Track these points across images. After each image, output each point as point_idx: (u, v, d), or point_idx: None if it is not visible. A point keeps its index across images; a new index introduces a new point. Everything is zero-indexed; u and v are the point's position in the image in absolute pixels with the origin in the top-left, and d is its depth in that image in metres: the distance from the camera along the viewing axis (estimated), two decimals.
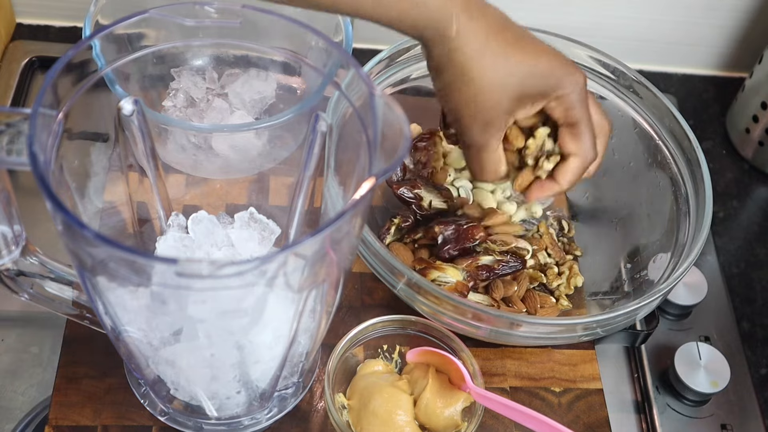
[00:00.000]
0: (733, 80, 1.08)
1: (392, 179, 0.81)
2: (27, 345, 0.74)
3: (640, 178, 0.82)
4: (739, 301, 0.87)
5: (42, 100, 0.46)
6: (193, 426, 0.65)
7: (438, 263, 0.74)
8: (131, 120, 0.60)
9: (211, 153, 0.73)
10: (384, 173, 0.47)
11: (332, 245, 0.48)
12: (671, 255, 0.74)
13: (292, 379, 0.65)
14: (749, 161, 1.00)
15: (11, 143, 0.48)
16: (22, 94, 0.92)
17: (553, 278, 0.78)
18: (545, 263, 0.80)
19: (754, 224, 0.95)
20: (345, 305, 0.75)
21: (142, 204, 0.66)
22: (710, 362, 0.77)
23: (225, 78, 0.80)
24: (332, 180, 0.65)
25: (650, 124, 0.81)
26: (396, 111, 0.49)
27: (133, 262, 0.45)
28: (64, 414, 0.66)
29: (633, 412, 0.77)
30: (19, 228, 0.56)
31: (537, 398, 0.73)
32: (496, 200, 0.83)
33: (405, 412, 0.66)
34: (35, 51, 0.96)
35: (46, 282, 0.60)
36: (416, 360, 0.70)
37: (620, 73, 0.83)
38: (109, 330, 0.57)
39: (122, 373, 0.68)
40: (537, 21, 0.81)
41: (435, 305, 0.67)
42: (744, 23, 1.03)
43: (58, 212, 0.43)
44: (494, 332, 0.68)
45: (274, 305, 0.52)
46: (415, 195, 0.79)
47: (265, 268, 0.45)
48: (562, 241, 0.83)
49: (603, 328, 0.69)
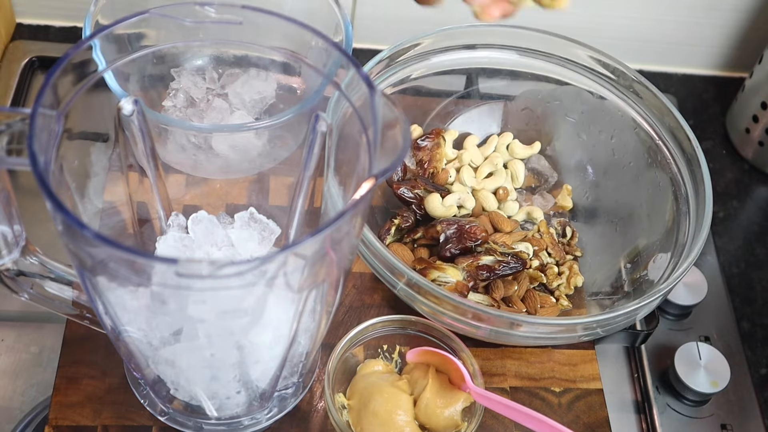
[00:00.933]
0: (733, 80, 1.08)
1: (392, 179, 0.81)
2: (27, 345, 0.74)
3: (640, 178, 0.82)
4: (739, 301, 0.87)
5: (42, 100, 0.46)
6: (193, 426, 0.65)
7: (438, 263, 0.74)
8: (131, 120, 0.60)
9: (211, 153, 0.73)
10: (384, 173, 0.47)
11: (332, 245, 0.48)
12: (671, 255, 0.74)
13: (292, 379, 0.65)
14: (749, 161, 1.00)
15: (11, 143, 0.48)
16: (22, 94, 0.92)
17: (553, 278, 0.78)
18: (546, 263, 0.80)
19: (754, 224, 0.95)
20: (345, 305, 0.76)
21: (142, 204, 0.66)
22: (710, 362, 0.77)
23: (225, 78, 0.80)
24: (332, 180, 0.65)
25: (650, 124, 0.82)
26: (396, 111, 0.49)
27: (133, 262, 0.45)
28: (64, 414, 0.66)
29: (633, 412, 0.77)
30: (19, 228, 0.56)
31: (537, 398, 0.73)
32: (497, 201, 0.83)
33: (405, 412, 0.66)
34: (35, 51, 0.96)
35: (46, 282, 0.60)
36: (416, 360, 0.70)
37: (620, 73, 0.83)
38: (109, 330, 0.57)
39: (122, 373, 0.68)
40: (537, 21, 0.81)
41: (435, 305, 0.67)
42: (744, 23, 1.03)
43: (58, 212, 0.43)
44: (494, 332, 0.68)
45: (274, 305, 0.52)
46: (415, 195, 0.79)
47: (265, 268, 0.45)
48: (562, 242, 0.83)
49: (603, 328, 0.69)
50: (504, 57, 0.85)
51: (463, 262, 0.74)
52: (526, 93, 0.87)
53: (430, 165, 0.82)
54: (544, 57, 0.85)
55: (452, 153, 0.85)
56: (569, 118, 0.87)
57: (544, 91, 0.86)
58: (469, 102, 0.88)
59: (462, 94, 0.88)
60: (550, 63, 0.85)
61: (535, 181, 0.87)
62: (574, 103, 0.86)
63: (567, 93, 0.86)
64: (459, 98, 0.88)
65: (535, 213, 0.83)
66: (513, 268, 0.75)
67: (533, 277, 0.78)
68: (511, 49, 0.85)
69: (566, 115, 0.87)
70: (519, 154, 0.86)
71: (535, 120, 0.88)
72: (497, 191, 0.84)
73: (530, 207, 0.84)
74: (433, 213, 0.79)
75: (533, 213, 0.83)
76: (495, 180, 0.84)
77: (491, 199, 0.83)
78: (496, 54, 0.85)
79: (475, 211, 0.82)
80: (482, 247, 0.76)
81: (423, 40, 0.81)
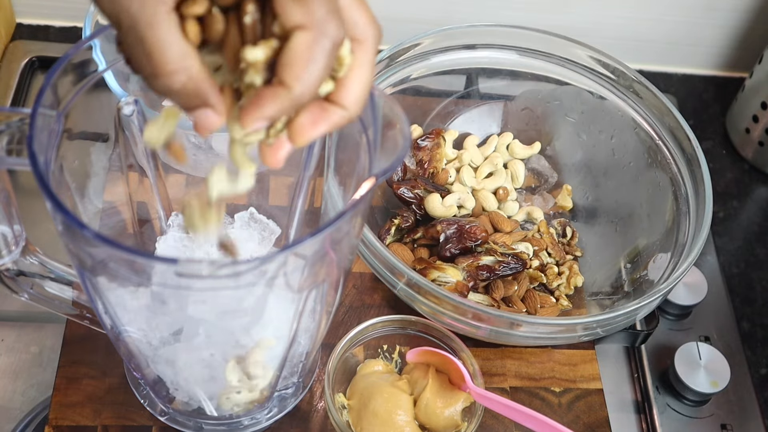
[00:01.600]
0: (733, 80, 1.08)
1: (392, 179, 0.81)
2: (27, 345, 0.74)
3: (640, 178, 0.82)
4: (739, 301, 0.87)
5: (42, 100, 0.46)
6: (193, 426, 0.65)
7: (438, 263, 0.74)
8: (131, 120, 0.60)
9: (211, 153, 0.73)
10: (384, 173, 0.47)
11: (332, 245, 0.48)
12: (671, 255, 0.74)
13: (292, 379, 0.65)
14: (749, 161, 1.00)
15: (11, 143, 0.48)
16: (22, 94, 0.92)
17: (553, 278, 0.78)
18: (546, 263, 0.80)
19: (754, 224, 0.95)
20: (345, 305, 0.76)
21: (142, 204, 0.66)
22: (710, 362, 0.77)
23: None
24: (332, 180, 0.65)
25: (650, 124, 0.81)
26: (396, 111, 0.49)
27: (133, 262, 0.45)
28: (64, 414, 0.66)
29: (633, 412, 0.77)
30: (19, 228, 0.56)
31: (537, 398, 0.73)
32: (497, 201, 0.83)
33: (405, 412, 0.66)
34: (35, 51, 0.96)
35: (46, 282, 0.60)
36: (416, 360, 0.70)
37: (620, 73, 0.83)
38: (109, 330, 0.57)
39: (122, 373, 0.68)
40: (537, 21, 0.81)
41: (435, 305, 0.67)
42: (744, 23, 1.03)
43: (58, 212, 0.43)
44: (494, 332, 0.68)
45: (274, 305, 0.52)
46: (415, 195, 0.79)
47: (265, 268, 0.45)
48: (562, 242, 0.83)
49: (603, 328, 0.69)
50: (504, 57, 0.85)
51: (463, 262, 0.74)
52: (526, 93, 0.87)
53: (430, 165, 0.82)
54: (544, 57, 0.85)
55: (452, 153, 0.85)
56: (569, 118, 0.87)
57: (544, 91, 0.86)
58: (469, 102, 0.88)
59: (462, 94, 0.88)
60: (550, 63, 0.85)
61: (535, 181, 0.87)
62: (574, 103, 0.86)
63: (567, 93, 0.86)
64: (459, 98, 0.88)
65: (535, 213, 0.83)
66: (513, 269, 0.75)
67: (533, 277, 0.78)
68: (511, 49, 0.85)
69: (566, 115, 0.87)
70: (519, 154, 0.86)
71: (535, 120, 0.88)
72: (497, 191, 0.84)
73: (530, 207, 0.84)
74: (432, 213, 0.79)
75: (533, 213, 0.83)
76: (495, 180, 0.84)
77: (491, 199, 0.82)
78: (496, 54, 0.85)
79: (475, 211, 0.82)
80: (482, 248, 0.76)
81: (423, 40, 0.81)
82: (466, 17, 0.99)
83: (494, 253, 0.75)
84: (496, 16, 0.98)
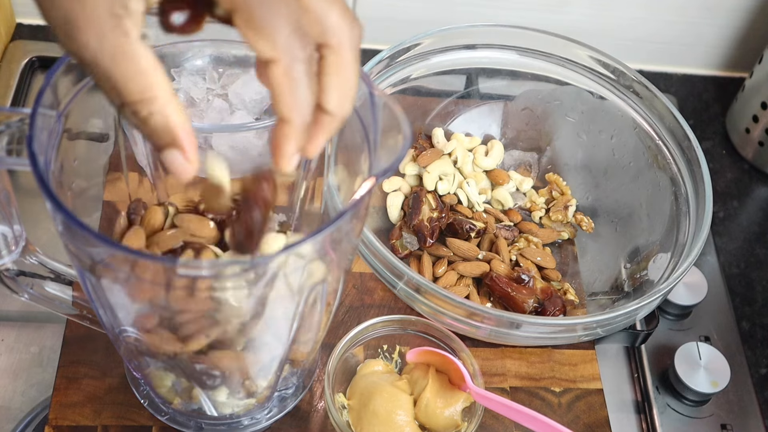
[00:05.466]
0: (733, 80, 1.08)
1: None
2: (27, 345, 0.74)
3: (640, 178, 0.82)
4: (739, 301, 0.87)
5: (42, 100, 0.46)
6: (193, 426, 0.65)
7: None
8: None
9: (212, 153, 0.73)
10: (384, 173, 0.47)
11: (332, 245, 0.48)
12: (671, 255, 0.74)
13: (292, 379, 0.65)
14: (749, 161, 1.00)
15: (11, 143, 0.48)
16: (22, 94, 0.92)
17: (549, 218, 0.83)
18: (537, 202, 0.84)
19: (754, 224, 0.95)
20: (345, 305, 0.76)
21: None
22: (710, 362, 0.77)
23: (225, 78, 0.80)
24: (332, 180, 0.65)
25: (650, 124, 0.82)
26: (396, 111, 0.49)
27: (133, 262, 0.45)
28: (64, 414, 0.66)
29: (633, 412, 0.77)
30: (19, 228, 0.56)
31: (537, 398, 0.73)
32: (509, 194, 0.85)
33: (405, 412, 0.66)
34: (35, 51, 0.96)
35: (46, 282, 0.60)
36: (416, 360, 0.70)
37: (620, 73, 0.83)
38: (109, 330, 0.57)
39: (122, 373, 0.68)
40: (537, 21, 0.81)
41: (435, 305, 0.67)
42: (744, 23, 1.03)
43: (58, 212, 0.43)
44: (494, 332, 0.68)
45: (274, 305, 0.52)
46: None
47: (265, 268, 0.45)
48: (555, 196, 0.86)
49: (603, 328, 0.69)
50: (504, 57, 0.85)
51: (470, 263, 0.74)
52: (526, 93, 0.87)
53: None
54: (544, 57, 0.85)
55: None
56: (569, 118, 0.87)
57: (544, 91, 0.86)
58: (469, 102, 0.88)
59: (462, 94, 0.88)
60: (550, 63, 0.85)
61: (526, 173, 0.88)
62: (574, 103, 0.86)
63: (567, 93, 0.86)
64: (459, 98, 0.88)
65: (525, 184, 0.87)
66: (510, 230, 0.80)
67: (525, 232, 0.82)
68: (511, 49, 0.85)
69: (566, 115, 0.87)
70: (484, 165, 0.86)
71: (535, 120, 0.88)
72: (496, 183, 0.85)
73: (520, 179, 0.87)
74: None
75: (524, 184, 0.87)
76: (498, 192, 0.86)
77: (508, 198, 0.85)
78: (496, 54, 0.85)
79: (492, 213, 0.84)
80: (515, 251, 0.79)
81: (423, 40, 0.81)
82: (466, 17, 0.99)
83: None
84: (496, 16, 0.98)
